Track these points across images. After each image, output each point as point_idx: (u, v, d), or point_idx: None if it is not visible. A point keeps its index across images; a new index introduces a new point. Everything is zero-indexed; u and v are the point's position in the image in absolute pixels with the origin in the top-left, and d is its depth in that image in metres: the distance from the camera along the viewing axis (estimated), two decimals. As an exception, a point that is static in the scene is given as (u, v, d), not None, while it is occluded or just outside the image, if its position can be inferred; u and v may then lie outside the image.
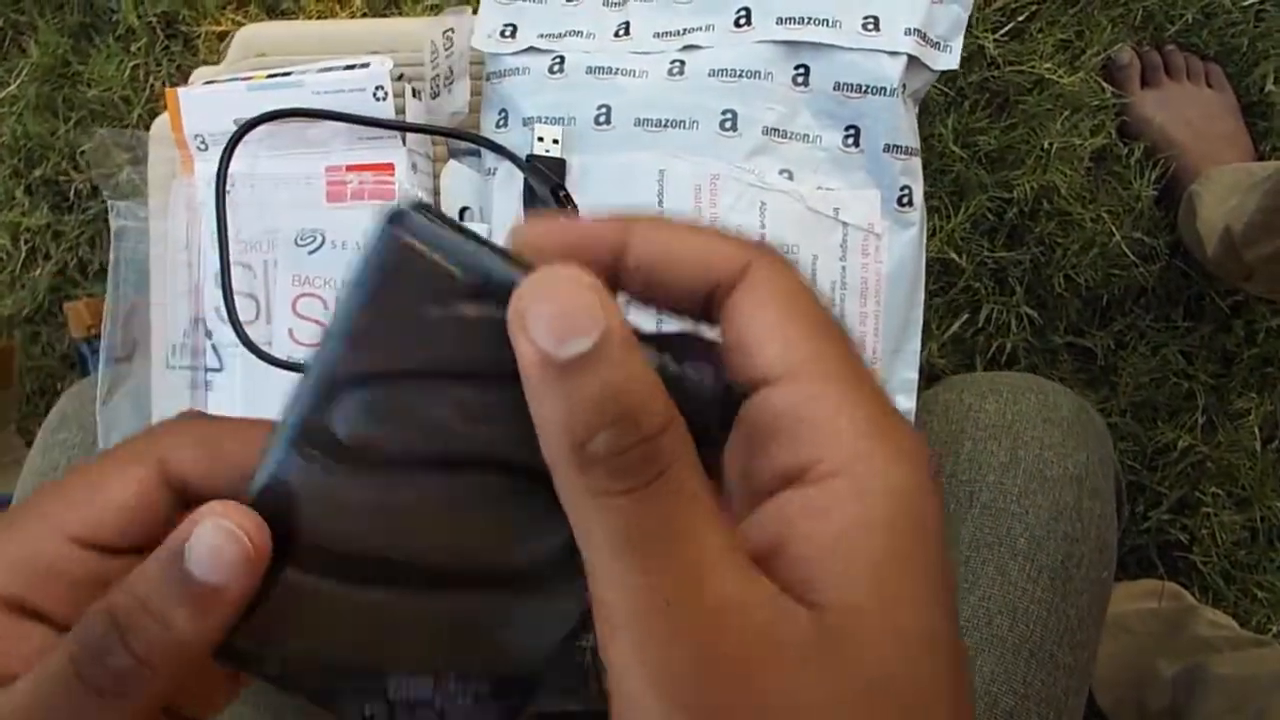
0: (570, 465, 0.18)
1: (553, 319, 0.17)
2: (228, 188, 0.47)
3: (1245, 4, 1.01)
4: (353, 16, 1.07)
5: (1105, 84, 1.01)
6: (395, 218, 0.20)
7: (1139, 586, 0.94)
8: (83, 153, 1.03)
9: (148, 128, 0.51)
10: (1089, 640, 0.52)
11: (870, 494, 0.18)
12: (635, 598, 0.18)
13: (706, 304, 0.21)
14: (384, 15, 1.06)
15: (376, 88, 0.48)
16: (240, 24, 1.06)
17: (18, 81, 1.07)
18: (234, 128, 0.47)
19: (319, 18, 1.06)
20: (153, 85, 1.06)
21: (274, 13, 1.07)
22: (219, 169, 0.45)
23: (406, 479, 0.21)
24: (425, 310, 0.20)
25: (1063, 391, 0.55)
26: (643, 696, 0.18)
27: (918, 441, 0.19)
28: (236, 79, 0.49)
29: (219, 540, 0.20)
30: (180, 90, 0.49)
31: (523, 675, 0.22)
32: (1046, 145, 0.99)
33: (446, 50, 0.49)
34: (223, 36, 1.07)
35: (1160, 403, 0.99)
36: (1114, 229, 0.99)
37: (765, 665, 0.18)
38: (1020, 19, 1.02)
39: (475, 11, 0.50)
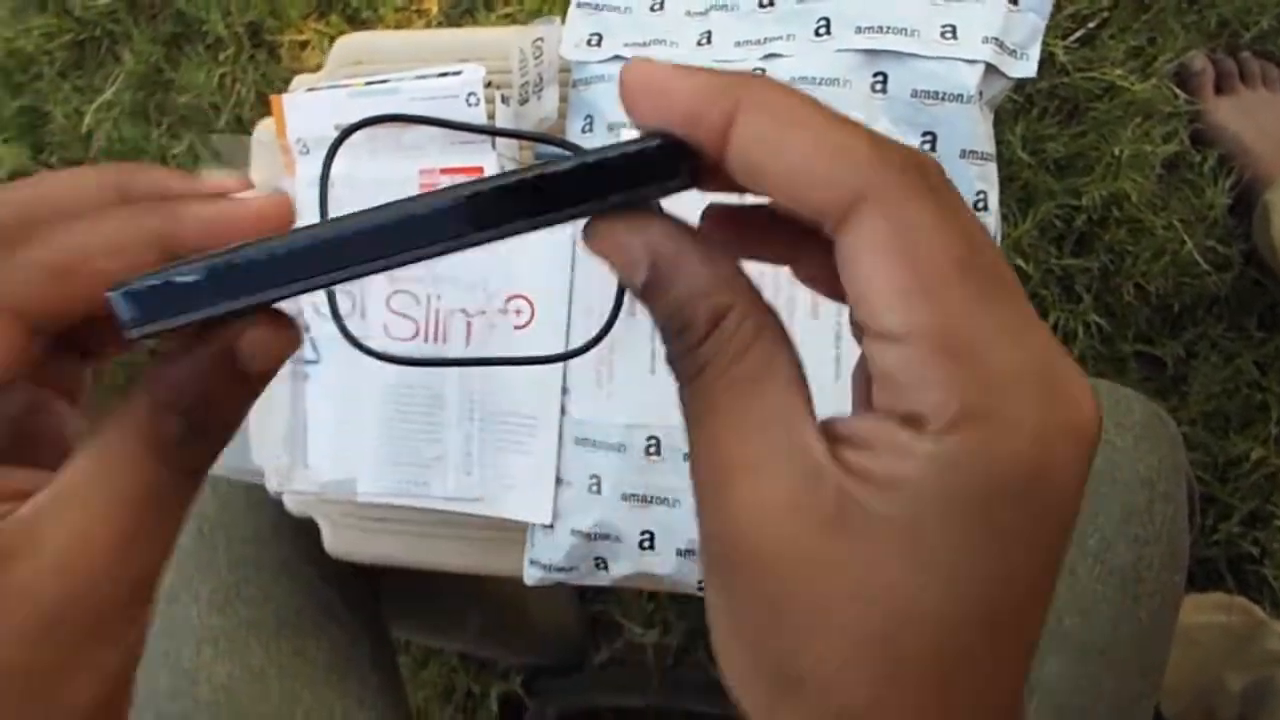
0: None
1: None
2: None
3: (1324, 10, 1.00)
4: (429, 26, 1.10)
5: (1178, 91, 1.00)
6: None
7: (1208, 599, 0.93)
8: (174, 156, 1.08)
9: (234, 132, 0.54)
10: (1160, 644, 0.52)
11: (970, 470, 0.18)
12: None
13: (814, 224, 0.19)
14: (459, 25, 1.09)
15: (469, 94, 0.50)
16: (322, 33, 1.10)
17: (113, 88, 1.12)
18: (334, 132, 0.50)
19: (397, 27, 1.09)
20: (239, 92, 1.10)
21: (355, 22, 1.11)
22: (323, 170, 0.47)
23: None
24: None
25: (1135, 396, 0.55)
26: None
27: (1052, 400, 0.18)
28: (337, 86, 0.52)
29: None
30: (285, 96, 0.52)
31: None
32: (1117, 152, 0.98)
33: (536, 59, 0.51)
34: (305, 45, 1.11)
35: (1232, 413, 0.98)
36: (1186, 237, 0.98)
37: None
38: (1091, 25, 1.01)
39: (563, 21, 0.52)
